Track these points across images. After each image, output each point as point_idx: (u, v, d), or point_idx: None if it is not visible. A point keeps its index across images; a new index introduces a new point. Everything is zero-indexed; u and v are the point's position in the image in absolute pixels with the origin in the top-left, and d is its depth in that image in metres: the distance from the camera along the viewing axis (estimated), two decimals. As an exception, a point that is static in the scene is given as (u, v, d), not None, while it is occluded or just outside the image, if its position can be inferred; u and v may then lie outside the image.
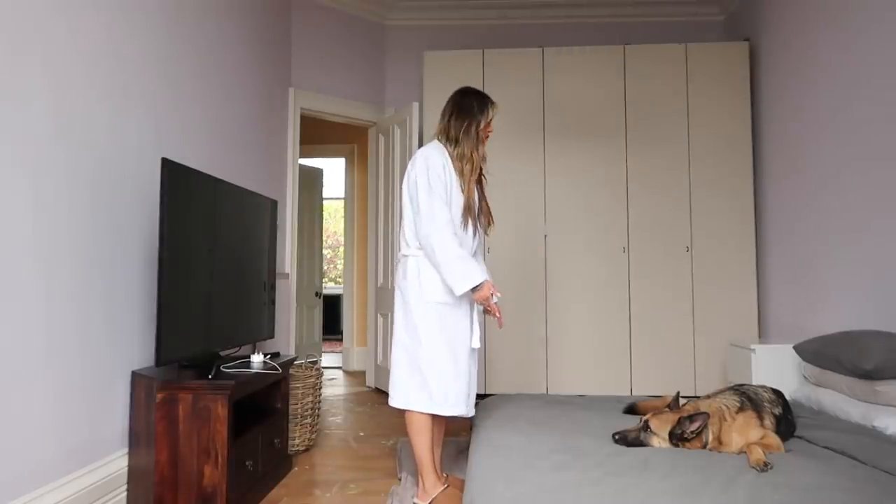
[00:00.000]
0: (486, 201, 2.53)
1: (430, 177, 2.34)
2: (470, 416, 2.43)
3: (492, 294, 2.29)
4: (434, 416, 2.39)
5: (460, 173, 2.40)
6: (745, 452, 1.92)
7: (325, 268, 8.96)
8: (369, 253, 5.13)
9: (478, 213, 2.48)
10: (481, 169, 2.49)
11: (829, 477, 1.72)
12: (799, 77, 3.67)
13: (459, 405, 2.35)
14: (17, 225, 1.81)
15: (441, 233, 2.29)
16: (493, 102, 2.49)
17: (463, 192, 2.39)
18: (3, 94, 1.76)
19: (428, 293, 2.36)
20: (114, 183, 2.27)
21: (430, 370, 2.34)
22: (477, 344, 2.43)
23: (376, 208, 4.92)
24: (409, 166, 2.45)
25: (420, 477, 2.39)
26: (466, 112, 2.44)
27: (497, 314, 2.38)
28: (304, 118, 4.52)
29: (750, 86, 4.22)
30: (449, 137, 2.44)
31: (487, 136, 2.49)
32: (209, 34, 3.08)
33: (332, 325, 7.82)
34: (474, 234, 2.46)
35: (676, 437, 2.01)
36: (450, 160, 2.41)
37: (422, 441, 2.36)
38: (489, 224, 2.55)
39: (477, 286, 2.27)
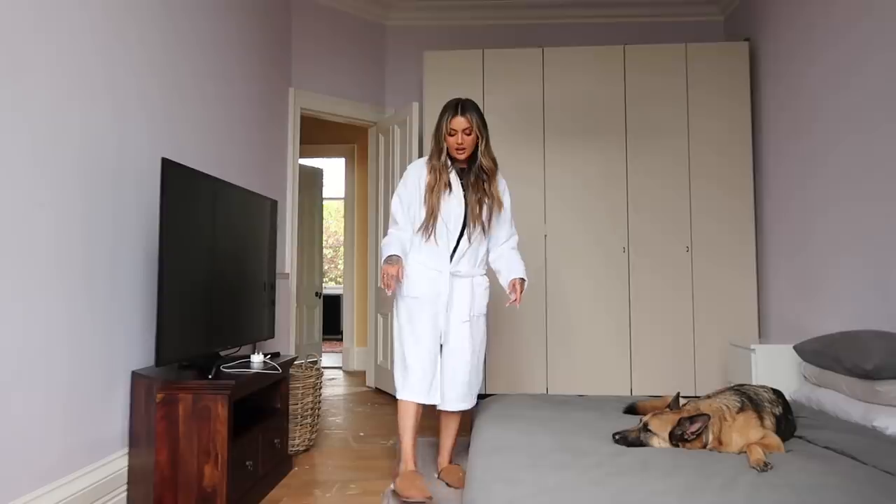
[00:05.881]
0: (475, 206, 2.55)
1: (399, 192, 2.61)
2: (441, 408, 2.56)
3: (393, 276, 2.43)
4: (440, 409, 2.57)
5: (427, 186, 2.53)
6: (746, 452, 1.92)
7: (326, 268, 8.96)
8: (369, 253, 5.13)
9: (464, 222, 2.54)
10: (484, 175, 2.56)
11: (829, 477, 1.72)
12: (799, 77, 3.67)
13: (420, 394, 2.50)
14: (17, 225, 1.81)
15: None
16: (456, 107, 2.48)
17: (425, 203, 2.51)
18: (4, 94, 1.76)
19: (404, 288, 2.57)
20: (114, 183, 2.27)
21: (398, 358, 2.58)
22: (449, 342, 2.53)
23: (376, 208, 4.92)
24: None
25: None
26: (436, 123, 2.55)
27: None
28: (304, 118, 4.52)
29: (750, 86, 4.21)
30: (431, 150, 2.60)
31: (457, 149, 2.49)
32: (209, 34, 3.08)
33: (332, 325, 7.82)
34: (455, 243, 2.55)
35: (676, 438, 2.01)
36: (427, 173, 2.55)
37: (403, 425, 2.53)
38: (484, 230, 2.61)
39: (386, 260, 2.52)
